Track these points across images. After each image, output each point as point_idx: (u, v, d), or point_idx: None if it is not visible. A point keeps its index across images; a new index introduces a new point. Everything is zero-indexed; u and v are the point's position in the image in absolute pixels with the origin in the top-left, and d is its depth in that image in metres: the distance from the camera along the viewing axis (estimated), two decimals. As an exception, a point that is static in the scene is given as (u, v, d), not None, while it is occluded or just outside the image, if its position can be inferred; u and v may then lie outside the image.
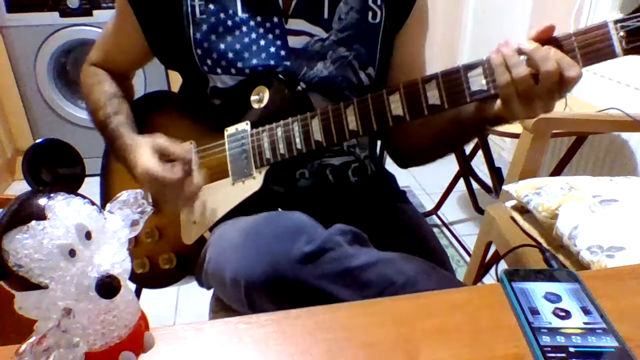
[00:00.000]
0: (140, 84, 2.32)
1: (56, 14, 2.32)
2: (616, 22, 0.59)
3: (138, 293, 1.14)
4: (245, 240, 0.71)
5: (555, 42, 0.61)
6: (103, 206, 0.39)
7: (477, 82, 0.65)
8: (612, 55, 0.60)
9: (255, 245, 0.69)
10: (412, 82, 0.69)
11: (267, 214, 0.77)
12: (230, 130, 0.83)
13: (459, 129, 0.76)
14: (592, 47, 0.60)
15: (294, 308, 0.64)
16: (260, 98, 0.80)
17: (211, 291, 0.90)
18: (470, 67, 0.65)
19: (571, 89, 0.61)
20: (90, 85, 0.93)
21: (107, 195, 1.02)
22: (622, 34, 0.58)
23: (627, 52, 0.59)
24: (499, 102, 0.64)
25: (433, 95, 0.68)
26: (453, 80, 0.66)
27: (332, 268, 0.65)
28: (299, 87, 0.82)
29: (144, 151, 0.78)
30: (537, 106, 0.62)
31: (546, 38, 0.61)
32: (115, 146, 0.85)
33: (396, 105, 0.70)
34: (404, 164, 0.96)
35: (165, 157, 0.78)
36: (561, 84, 0.60)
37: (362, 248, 0.70)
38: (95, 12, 2.34)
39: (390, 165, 1.12)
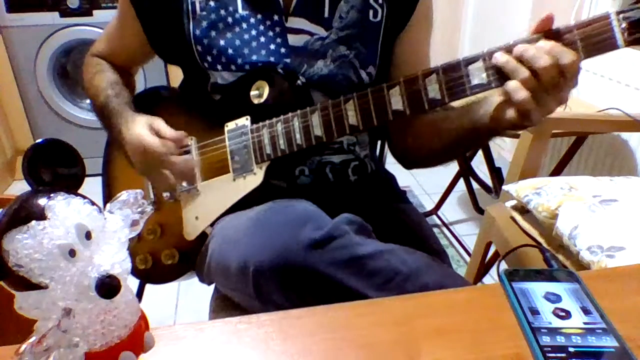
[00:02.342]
0: (140, 80, 2.32)
1: (56, 14, 2.32)
2: (618, 12, 0.57)
3: (141, 292, 1.15)
4: (253, 227, 0.72)
5: (556, 34, 0.60)
6: (106, 203, 0.39)
7: (478, 75, 0.64)
8: (614, 46, 0.58)
9: (263, 232, 0.69)
10: (413, 76, 0.68)
11: (273, 203, 0.77)
12: (230, 125, 0.83)
13: (472, 136, 0.74)
14: (594, 39, 0.59)
15: (302, 295, 0.64)
16: (260, 93, 0.80)
17: (211, 291, 0.90)
18: (470, 60, 0.64)
19: (577, 75, 0.59)
20: (94, 72, 0.94)
21: (109, 195, 1.02)
22: (624, 25, 0.57)
23: (629, 43, 0.58)
24: (512, 112, 0.63)
25: (433, 89, 0.67)
26: (453, 74, 0.65)
27: (339, 255, 0.65)
28: (299, 82, 0.82)
29: (140, 123, 0.83)
30: (549, 102, 0.61)
31: (547, 29, 0.60)
32: (113, 122, 0.87)
33: (396, 100, 0.70)
34: (408, 165, 0.94)
35: (158, 136, 0.82)
36: (563, 74, 0.58)
37: (367, 239, 0.70)
38: (95, 12, 2.34)
39: (390, 165, 1.12)
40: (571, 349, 0.43)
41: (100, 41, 0.98)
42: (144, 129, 0.82)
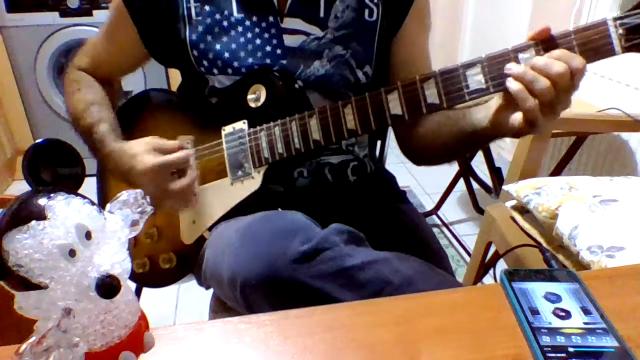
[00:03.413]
0: (140, 83, 2.32)
1: (56, 14, 2.32)
2: (615, 19, 0.58)
3: (138, 293, 1.14)
4: (242, 240, 0.71)
5: (554, 40, 0.61)
6: (100, 206, 0.39)
7: (476, 80, 0.64)
8: (611, 53, 0.59)
9: (251, 245, 0.69)
10: (411, 81, 0.68)
11: (264, 213, 0.77)
12: (227, 129, 0.83)
13: (472, 139, 0.74)
14: (591, 45, 0.59)
15: (291, 309, 0.64)
16: (257, 97, 0.80)
17: (211, 291, 0.90)
18: (468, 65, 0.65)
19: (581, 79, 0.59)
20: (70, 92, 0.91)
21: (103, 196, 1.01)
22: (621, 31, 0.58)
23: (626, 49, 0.58)
24: (518, 118, 0.62)
25: (432, 94, 0.67)
26: (451, 79, 0.66)
27: (328, 267, 0.65)
28: (296, 85, 0.82)
29: (140, 151, 0.78)
30: (557, 107, 0.61)
31: (543, 38, 0.61)
32: (102, 154, 0.83)
33: (395, 104, 0.70)
34: (416, 162, 0.93)
35: (161, 152, 0.79)
36: (573, 78, 0.58)
37: (358, 248, 0.70)
38: (95, 12, 2.35)
39: (390, 165, 1.12)
40: (571, 349, 0.43)
41: (83, 54, 0.95)
42: (148, 156, 0.77)
